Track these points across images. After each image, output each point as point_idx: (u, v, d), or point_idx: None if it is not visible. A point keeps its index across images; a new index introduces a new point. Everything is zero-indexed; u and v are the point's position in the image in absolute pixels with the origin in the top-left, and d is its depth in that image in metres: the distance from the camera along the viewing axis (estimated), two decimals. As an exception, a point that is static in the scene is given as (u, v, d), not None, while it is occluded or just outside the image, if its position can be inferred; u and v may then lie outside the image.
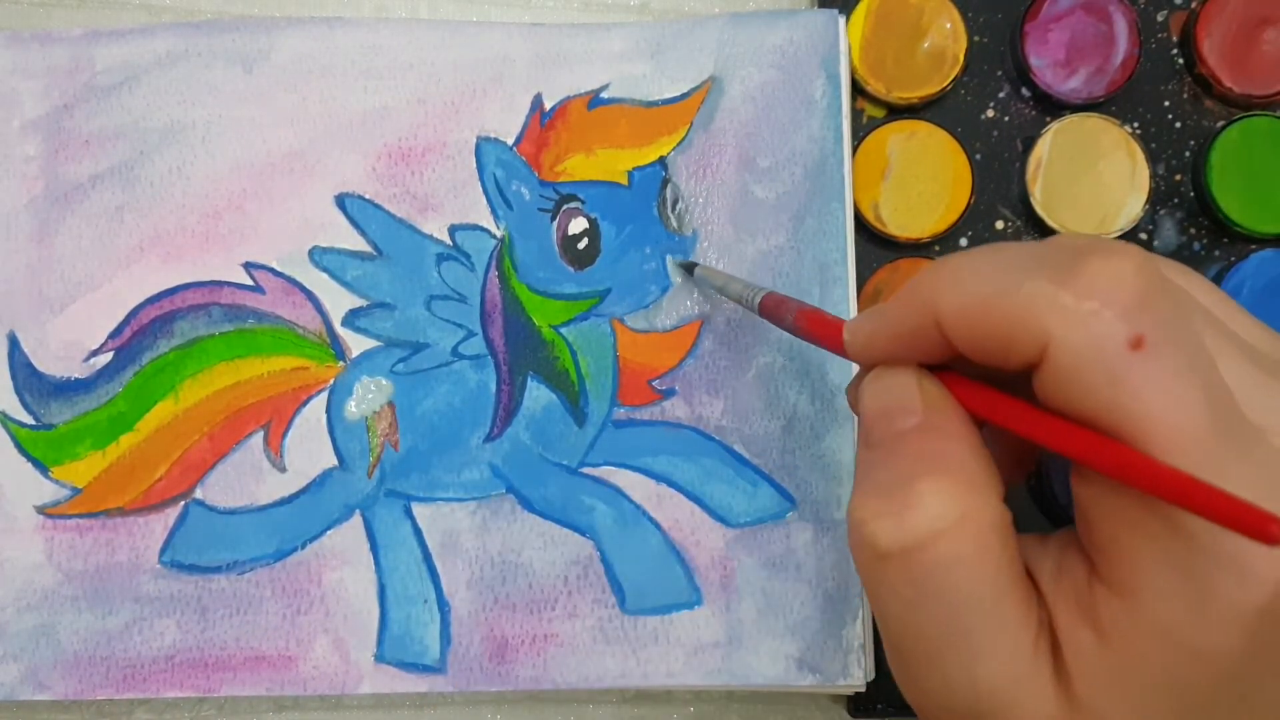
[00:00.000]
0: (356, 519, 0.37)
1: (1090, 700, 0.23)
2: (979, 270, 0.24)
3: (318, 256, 0.38)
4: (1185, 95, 0.41)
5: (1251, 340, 0.24)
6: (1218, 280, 0.39)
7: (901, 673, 0.26)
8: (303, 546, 0.37)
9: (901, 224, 0.40)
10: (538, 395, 0.38)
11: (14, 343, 0.38)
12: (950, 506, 0.23)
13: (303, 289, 0.38)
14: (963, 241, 0.41)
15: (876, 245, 0.40)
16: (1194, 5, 0.41)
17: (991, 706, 0.24)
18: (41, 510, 0.38)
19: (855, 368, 0.36)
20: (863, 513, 0.24)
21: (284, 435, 0.38)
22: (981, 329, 0.24)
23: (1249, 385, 0.23)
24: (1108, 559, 0.23)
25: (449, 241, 0.38)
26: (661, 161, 0.39)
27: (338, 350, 0.38)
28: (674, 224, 0.38)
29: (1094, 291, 0.22)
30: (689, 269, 0.37)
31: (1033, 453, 0.29)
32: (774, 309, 0.33)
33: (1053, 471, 0.38)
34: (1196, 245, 0.40)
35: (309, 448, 0.38)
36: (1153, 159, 0.40)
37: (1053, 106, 0.41)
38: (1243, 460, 0.21)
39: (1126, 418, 0.21)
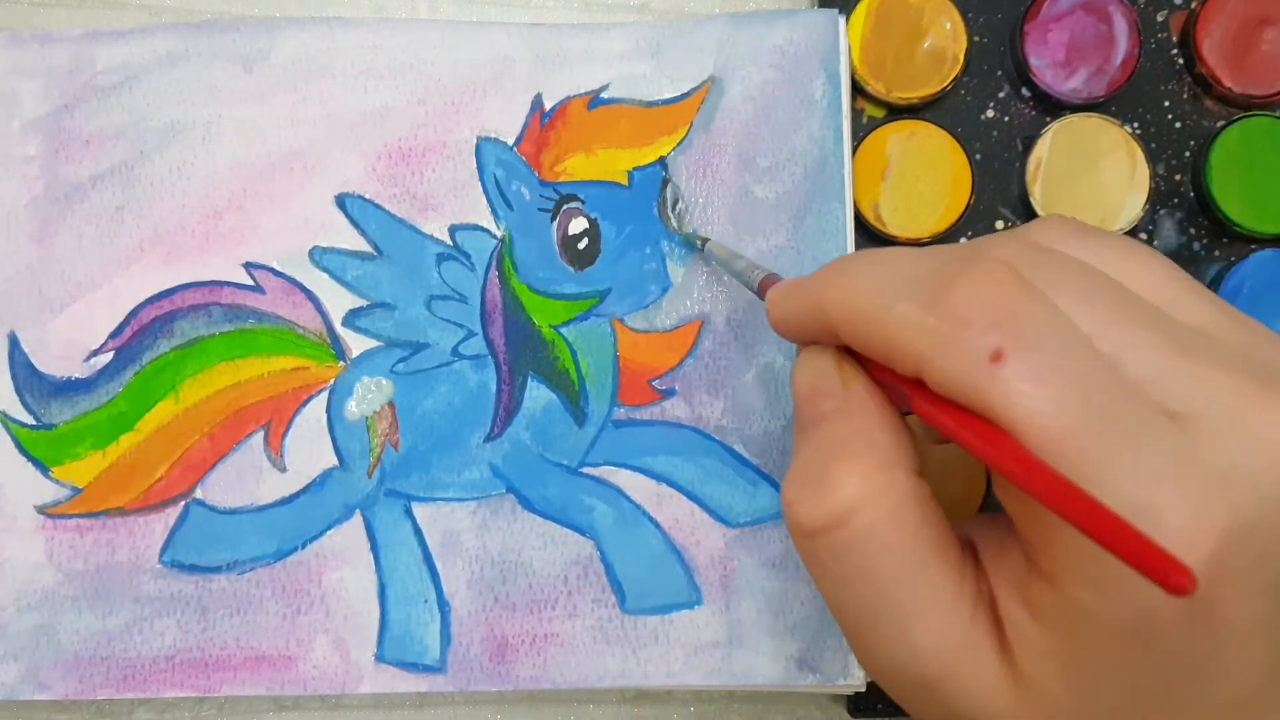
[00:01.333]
0: (357, 519, 0.37)
1: (1034, 676, 0.24)
2: (865, 283, 0.25)
3: (318, 256, 0.38)
4: (1185, 95, 0.41)
5: (1189, 316, 0.25)
6: (1217, 280, 0.39)
7: (853, 646, 0.27)
8: (303, 546, 0.37)
9: (901, 224, 0.40)
10: (538, 395, 0.38)
11: (14, 343, 0.38)
12: (861, 485, 0.25)
13: (303, 289, 0.38)
14: (962, 242, 0.41)
15: (876, 245, 0.40)
16: (1194, 5, 0.41)
17: (936, 674, 0.24)
18: (42, 510, 0.38)
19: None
20: (789, 495, 0.26)
21: (284, 435, 0.38)
22: (864, 342, 0.25)
23: (1161, 368, 0.23)
24: (1032, 544, 0.24)
25: (449, 241, 0.38)
26: (661, 161, 0.39)
27: (338, 350, 0.38)
28: (674, 224, 0.38)
29: (954, 314, 0.23)
30: (701, 243, 0.37)
31: None
32: (764, 290, 0.33)
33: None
34: (1196, 245, 0.40)
35: (309, 448, 0.38)
36: (1153, 159, 0.40)
37: (1053, 106, 0.41)
38: (1128, 448, 0.22)
39: (1001, 423, 0.22)
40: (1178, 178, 0.41)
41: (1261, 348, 0.24)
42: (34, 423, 0.38)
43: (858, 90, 0.40)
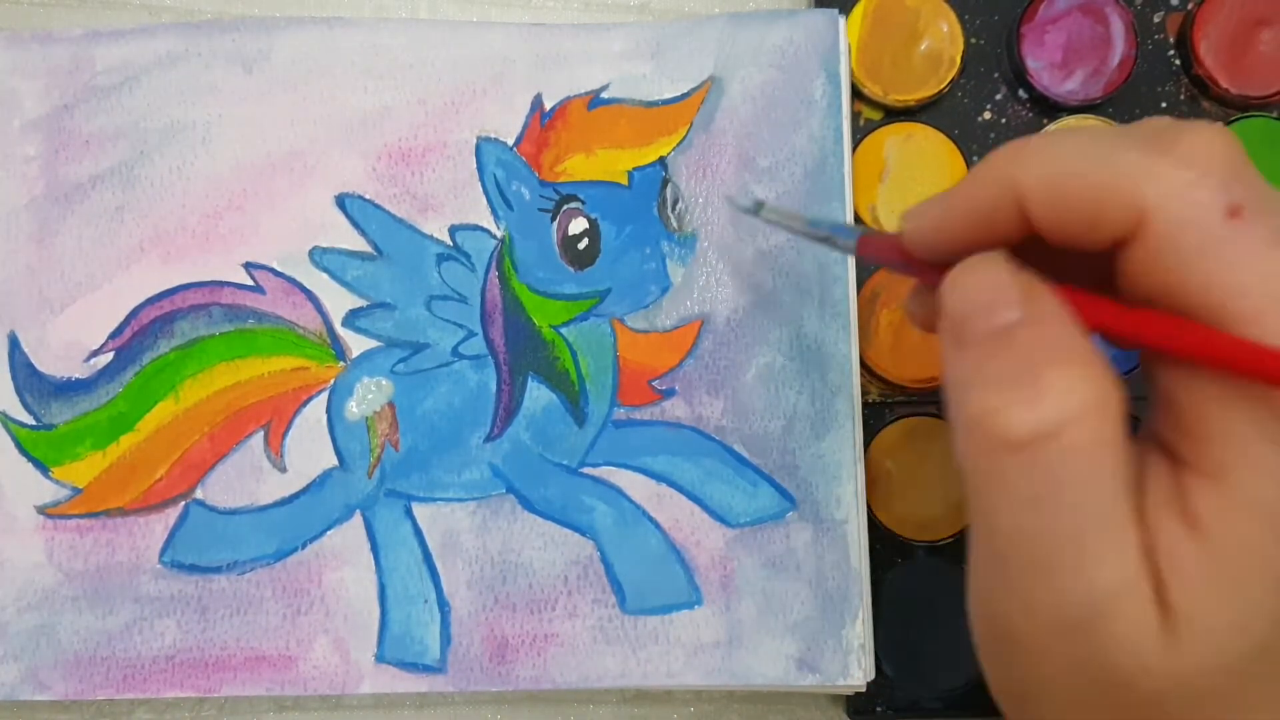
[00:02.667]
0: (357, 519, 0.37)
1: (1184, 605, 0.22)
2: (1065, 144, 0.24)
3: (318, 256, 0.38)
4: (1182, 96, 0.41)
5: None
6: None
7: (998, 589, 0.24)
8: (303, 546, 0.37)
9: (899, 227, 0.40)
10: (538, 395, 0.38)
11: (14, 343, 0.38)
12: (1085, 393, 0.22)
13: (303, 289, 0.38)
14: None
15: (875, 246, 0.40)
16: (1190, 6, 0.41)
17: (1097, 616, 0.22)
18: (42, 510, 0.37)
19: (855, 370, 0.36)
20: (989, 404, 0.23)
21: (284, 435, 0.38)
22: (1071, 202, 0.23)
23: None
24: (1197, 443, 0.23)
25: (449, 241, 0.38)
26: (661, 161, 0.39)
27: (338, 350, 0.38)
28: (674, 224, 0.38)
29: (1192, 161, 0.22)
30: (756, 208, 0.35)
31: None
32: (868, 247, 0.31)
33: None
34: (1193, 246, 0.40)
35: (309, 448, 0.38)
36: (1150, 160, 0.40)
37: (1050, 108, 0.41)
38: None
39: (1221, 290, 0.21)
40: (1175, 179, 0.41)
41: None
42: (34, 423, 0.38)
43: (855, 93, 0.40)
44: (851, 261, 0.38)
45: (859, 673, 0.37)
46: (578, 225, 0.39)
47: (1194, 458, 0.23)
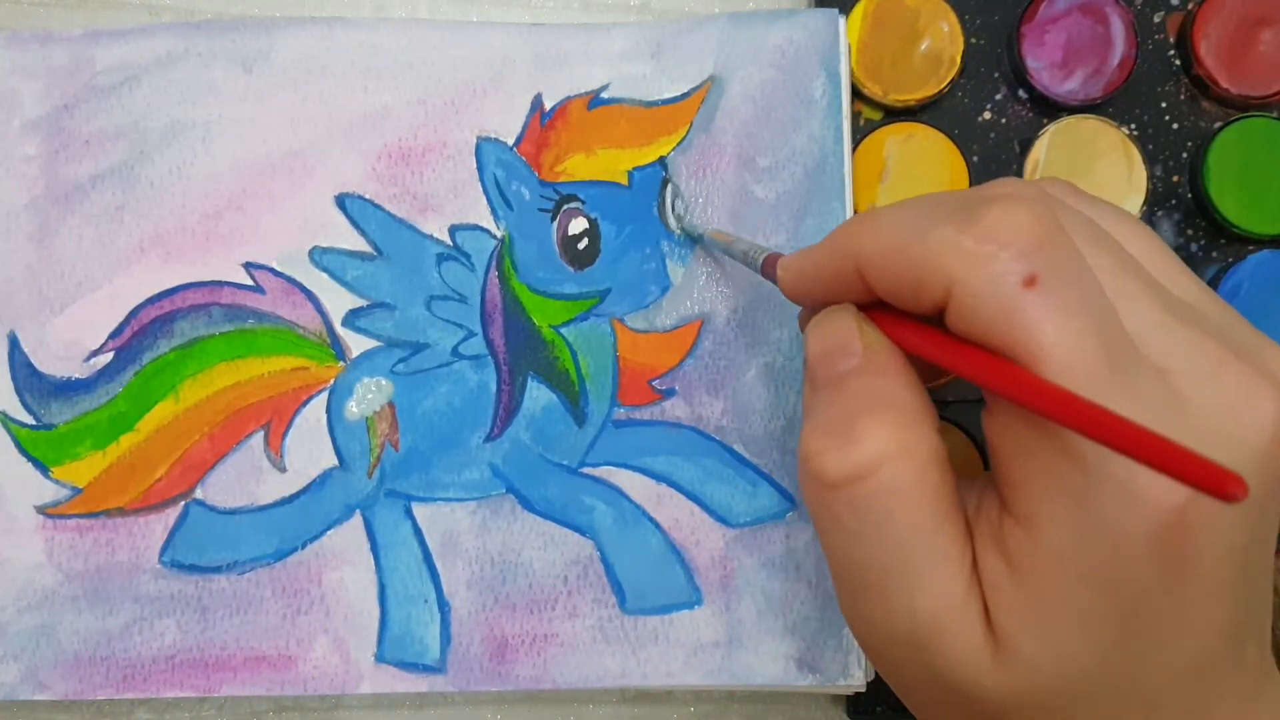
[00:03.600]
0: (357, 519, 0.37)
1: (1008, 633, 0.24)
2: (895, 220, 0.26)
3: (318, 256, 0.38)
4: (1182, 96, 0.41)
5: (1175, 288, 0.26)
6: (1215, 281, 0.40)
7: (847, 605, 0.27)
8: (303, 546, 0.37)
9: (900, 225, 0.40)
10: (538, 395, 0.38)
11: (14, 343, 0.38)
12: (890, 440, 0.25)
13: (303, 289, 0.38)
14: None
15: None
16: (1191, 6, 0.41)
17: (929, 635, 0.25)
18: (42, 510, 0.37)
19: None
20: (810, 448, 0.26)
21: (284, 435, 0.38)
22: (895, 273, 0.25)
23: (1153, 326, 0.24)
24: (1011, 489, 0.24)
25: (449, 241, 0.38)
26: (661, 161, 0.39)
27: (338, 350, 0.38)
28: (674, 224, 0.38)
29: (992, 236, 0.23)
30: (696, 239, 0.38)
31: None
32: (769, 267, 0.33)
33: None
34: (1194, 246, 0.40)
35: (309, 448, 0.38)
36: (1150, 160, 0.40)
37: (1050, 108, 0.41)
38: (1128, 392, 0.22)
39: (1022, 350, 0.23)
40: (1175, 179, 0.41)
41: (1237, 326, 0.26)
42: (34, 423, 0.38)
43: (855, 93, 0.40)
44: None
45: (859, 673, 0.37)
46: (578, 225, 0.39)
47: (1010, 503, 0.25)
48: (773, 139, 0.38)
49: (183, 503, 0.37)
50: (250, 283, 0.38)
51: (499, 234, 0.38)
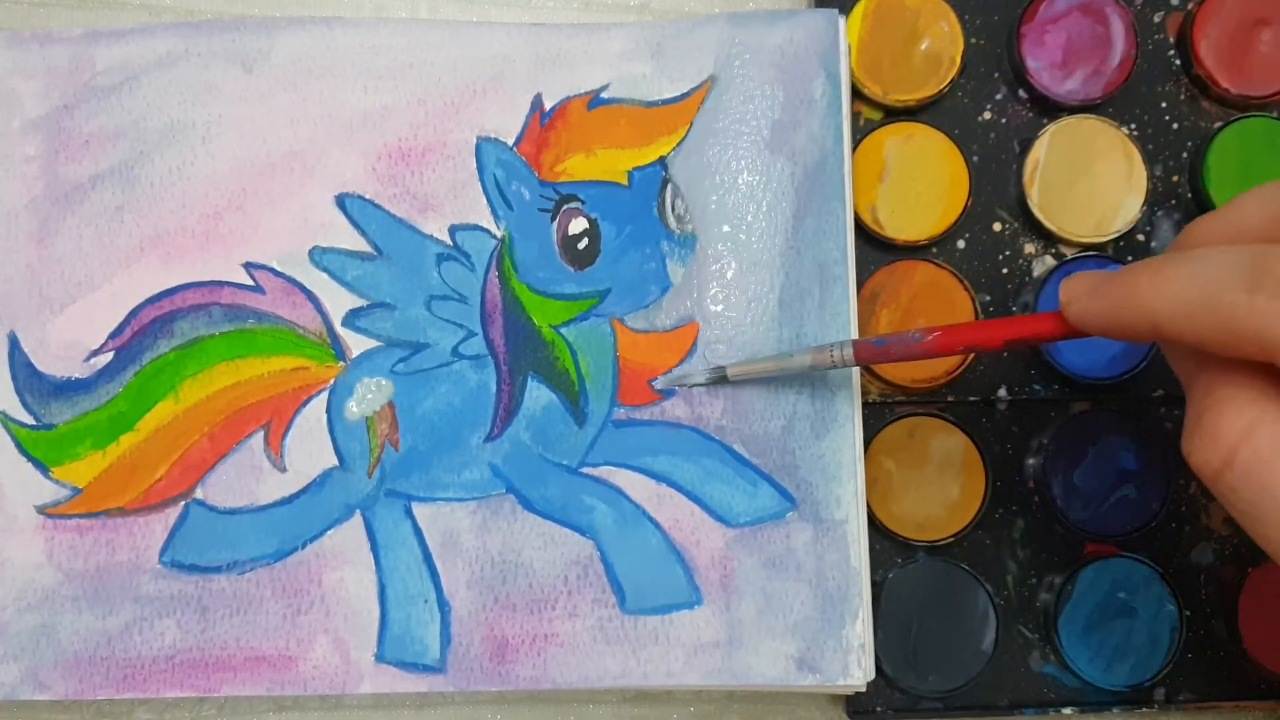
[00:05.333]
0: (357, 519, 0.37)
1: None
2: (1185, 282, 0.27)
3: (318, 256, 0.38)
4: (1182, 96, 0.41)
5: None
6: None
7: None
8: (303, 546, 0.37)
9: (899, 226, 0.40)
10: (538, 395, 0.38)
11: (14, 343, 0.38)
12: (1235, 426, 0.27)
13: (303, 289, 0.38)
14: (960, 244, 0.41)
15: (874, 248, 0.40)
16: (1190, 6, 0.41)
17: None
18: (42, 510, 0.37)
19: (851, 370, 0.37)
20: (1185, 448, 0.28)
21: (284, 435, 0.38)
22: (1200, 335, 0.26)
23: None
24: None
25: (449, 241, 0.38)
26: (661, 161, 0.39)
27: (338, 350, 0.38)
28: (674, 224, 0.38)
29: None
30: (720, 379, 0.37)
31: None
32: (877, 353, 0.34)
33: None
34: (1193, 246, 0.40)
35: (309, 448, 0.38)
36: (1150, 160, 0.40)
37: (1050, 108, 0.41)
38: None
39: None
40: (1175, 179, 0.41)
41: None
42: (34, 423, 0.38)
43: (855, 93, 0.40)
44: (851, 261, 0.38)
45: (859, 673, 0.37)
46: (578, 225, 0.39)
47: None
48: (773, 139, 0.38)
49: (183, 503, 0.37)
50: (250, 283, 0.38)
51: (499, 234, 0.38)
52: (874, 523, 0.39)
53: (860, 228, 0.40)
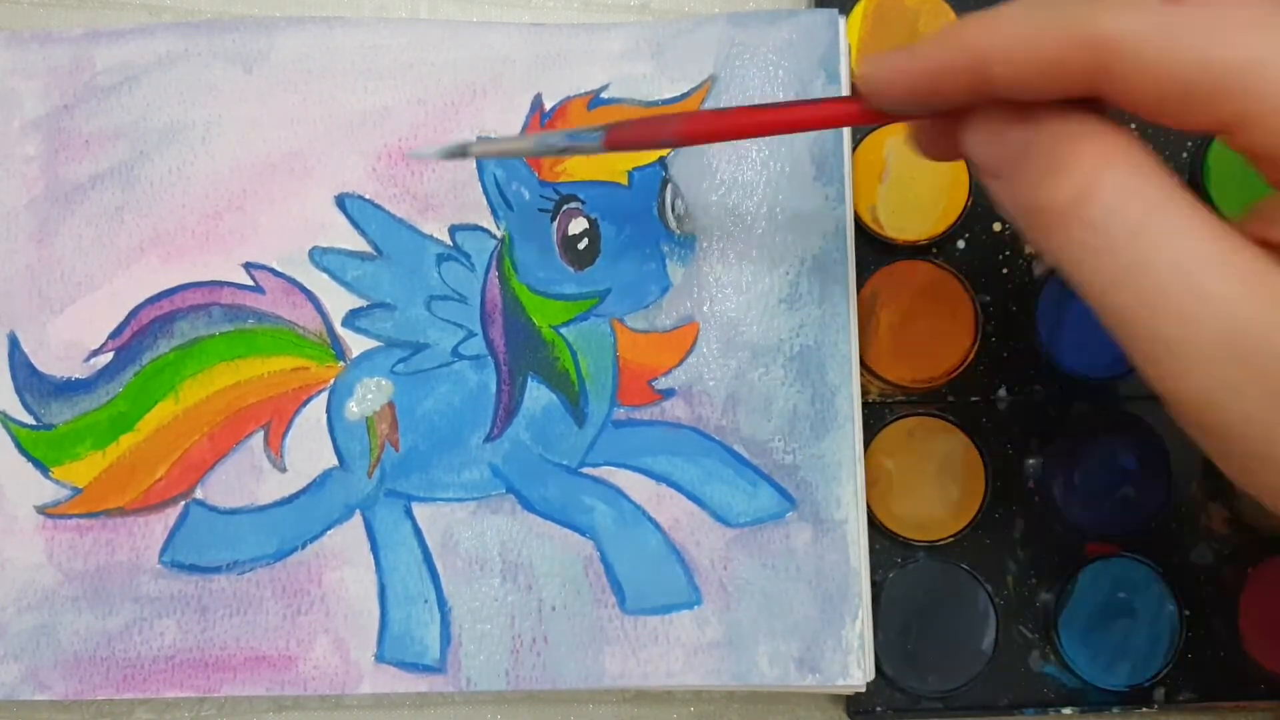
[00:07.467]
0: (357, 519, 0.37)
1: None
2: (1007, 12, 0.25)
3: (318, 256, 0.38)
4: (1182, 97, 0.41)
5: None
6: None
7: (1135, 340, 0.25)
8: (303, 546, 0.37)
9: (899, 226, 0.40)
10: (538, 395, 0.38)
11: (14, 343, 0.38)
12: (1095, 155, 0.24)
13: (303, 289, 0.38)
14: (960, 244, 0.41)
15: (874, 248, 0.40)
16: (1191, 7, 0.41)
17: (1244, 324, 0.23)
18: (42, 510, 0.37)
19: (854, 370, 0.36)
20: (1023, 198, 0.25)
21: (284, 435, 0.38)
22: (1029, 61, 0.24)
23: None
24: None
25: (449, 241, 0.38)
26: (661, 162, 0.39)
27: (338, 350, 0.38)
28: (674, 224, 0.38)
29: None
30: (459, 153, 0.35)
31: None
32: (629, 137, 0.32)
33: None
34: (1193, 246, 0.40)
35: (309, 448, 0.38)
36: (1150, 160, 0.40)
37: (1050, 108, 0.41)
38: None
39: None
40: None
41: None
42: (34, 423, 0.38)
43: (855, 93, 0.40)
44: (851, 261, 0.38)
45: (859, 673, 0.37)
46: (578, 225, 0.39)
47: None
48: (772, 139, 0.38)
49: (183, 503, 0.37)
50: (250, 283, 0.38)
51: (499, 234, 0.38)
52: (874, 523, 0.39)
53: (860, 228, 0.40)
